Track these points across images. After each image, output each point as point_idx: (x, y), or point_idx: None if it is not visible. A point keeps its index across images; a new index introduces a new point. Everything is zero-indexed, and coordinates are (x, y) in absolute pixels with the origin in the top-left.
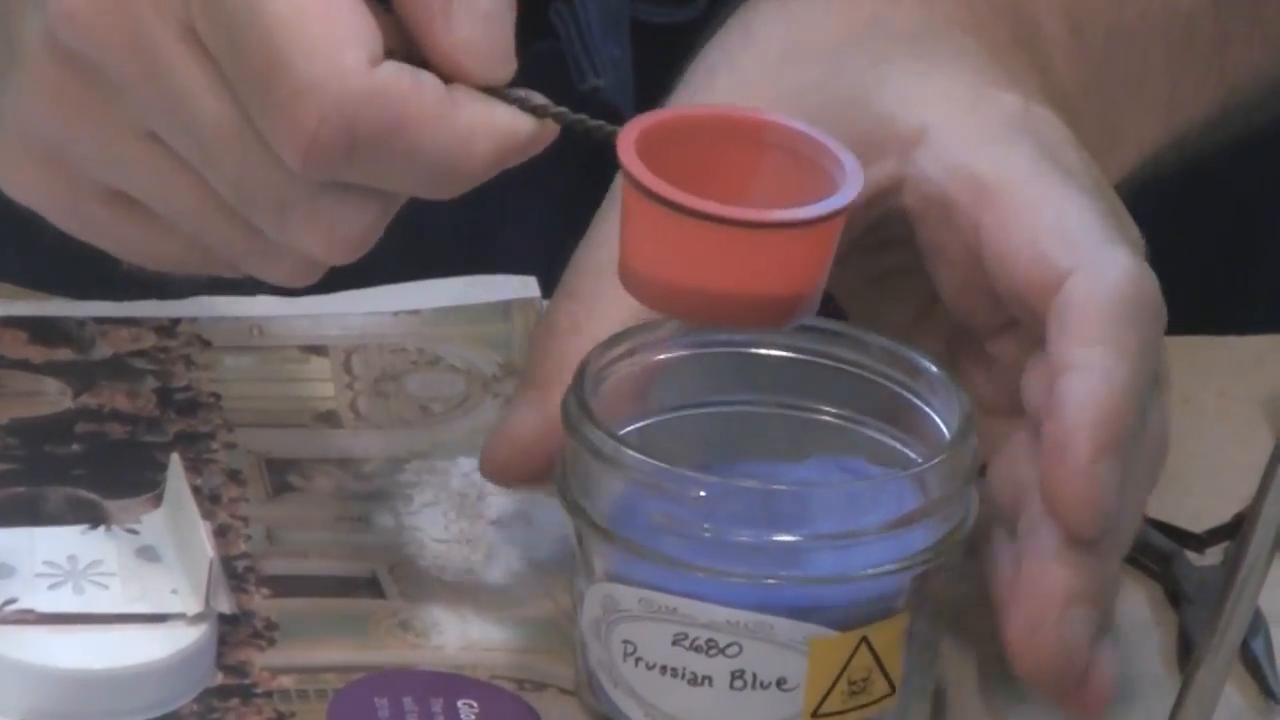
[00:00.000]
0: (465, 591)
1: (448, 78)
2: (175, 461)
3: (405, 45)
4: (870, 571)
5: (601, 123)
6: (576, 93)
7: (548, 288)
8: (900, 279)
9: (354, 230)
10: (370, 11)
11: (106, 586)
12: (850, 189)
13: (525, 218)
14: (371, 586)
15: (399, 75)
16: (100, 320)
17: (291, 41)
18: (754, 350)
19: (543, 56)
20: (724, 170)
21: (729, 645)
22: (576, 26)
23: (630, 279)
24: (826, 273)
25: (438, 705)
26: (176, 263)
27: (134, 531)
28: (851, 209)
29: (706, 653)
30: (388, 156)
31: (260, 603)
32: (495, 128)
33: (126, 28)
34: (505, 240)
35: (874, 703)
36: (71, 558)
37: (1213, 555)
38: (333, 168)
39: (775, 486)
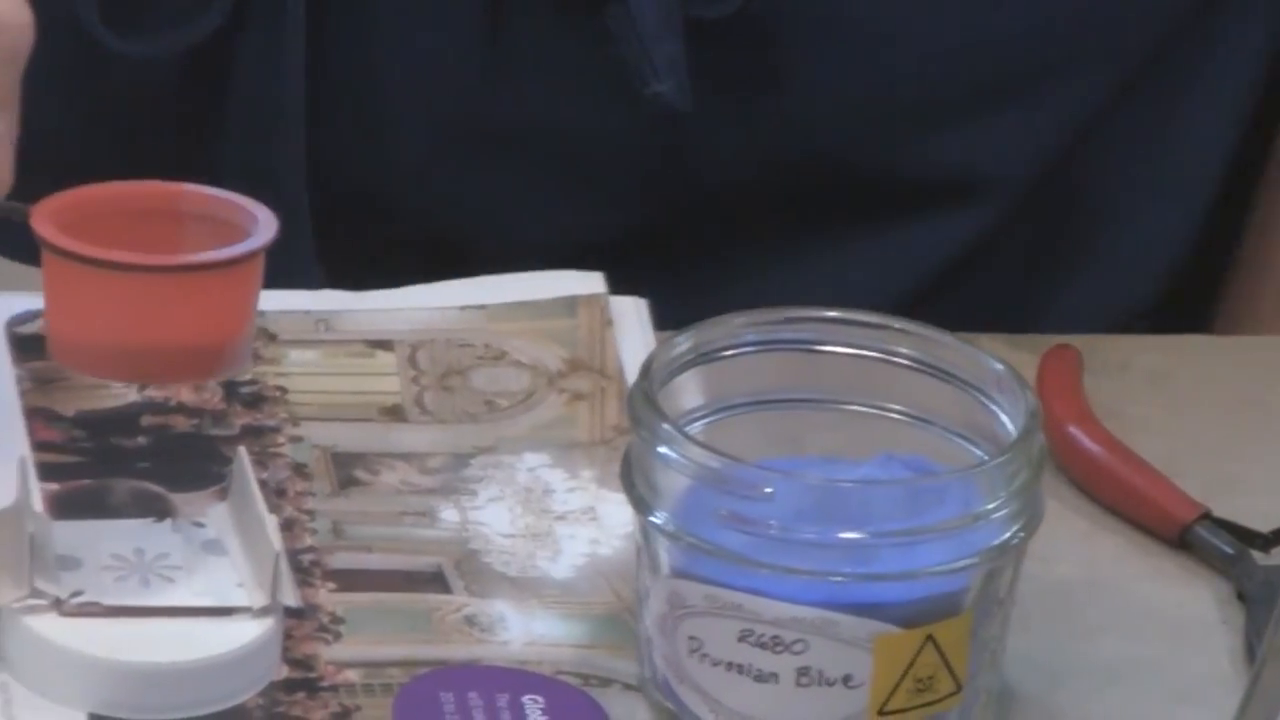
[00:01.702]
0: (531, 587)
1: None
2: (241, 455)
3: None
4: (935, 569)
5: (16, 204)
6: (639, 97)
7: None
8: None
9: None
10: None
11: (172, 579)
12: (263, 235)
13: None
14: (437, 581)
15: None
16: None
17: None
18: (821, 348)
19: (602, 65)
20: (145, 241)
21: (795, 642)
22: (633, 29)
23: (57, 347)
24: (251, 322)
25: (503, 700)
26: None
27: (200, 525)
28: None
29: (772, 649)
30: None
31: (326, 597)
32: None
33: None
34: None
35: (939, 701)
36: (138, 550)
37: (1278, 555)
38: None
39: (841, 483)
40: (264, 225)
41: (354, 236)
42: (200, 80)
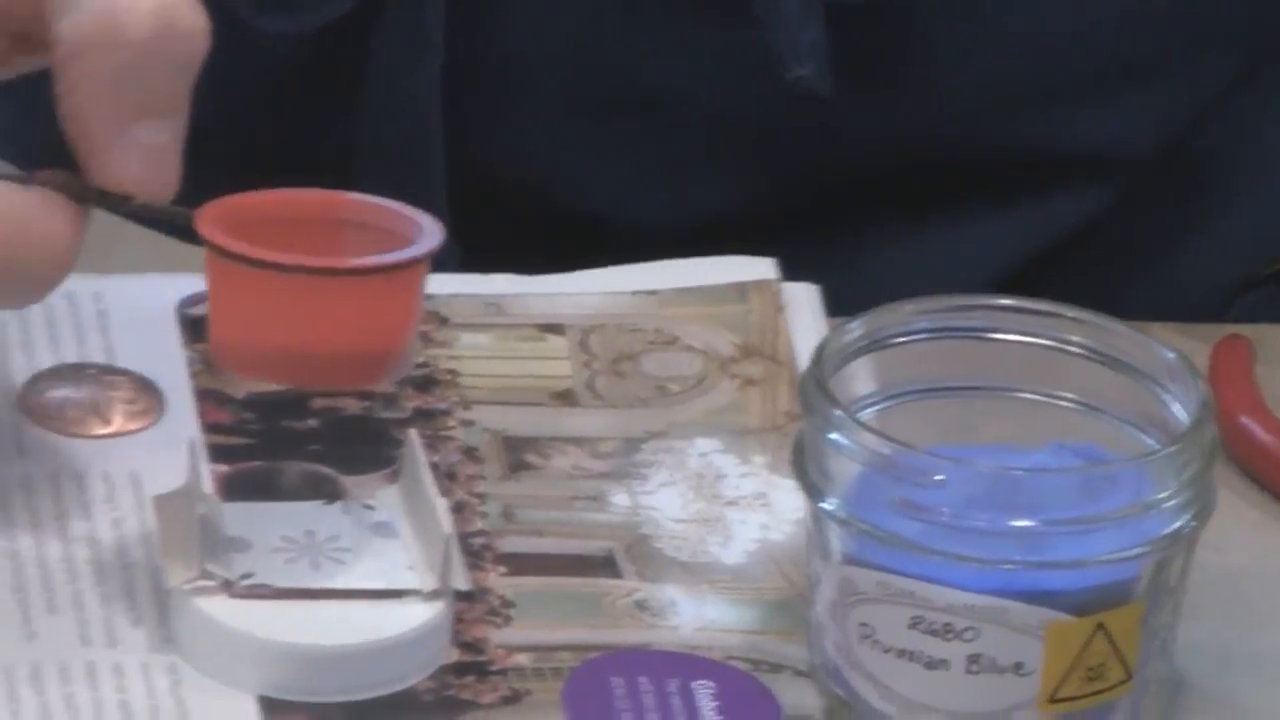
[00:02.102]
0: (701, 572)
1: None
2: (412, 438)
3: None
4: (1106, 557)
5: (179, 208)
6: (780, 83)
7: None
8: None
9: None
10: None
11: (342, 562)
12: (428, 241)
13: None
14: (608, 566)
15: (16, 201)
16: None
17: None
18: (992, 335)
19: (741, 46)
20: (305, 248)
21: (966, 629)
22: (777, 14)
23: (222, 352)
24: (414, 326)
25: (673, 685)
26: None
27: (370, 507)
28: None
29: (943, 636)
30: (10, 281)
31: (496, 580)
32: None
33: None
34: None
35: (1109, 689)
36: (308, 533)
37: None
38: None
39: (1013, 471)
40: (428, 232)
41: (488, 216)
42: (337, 60)
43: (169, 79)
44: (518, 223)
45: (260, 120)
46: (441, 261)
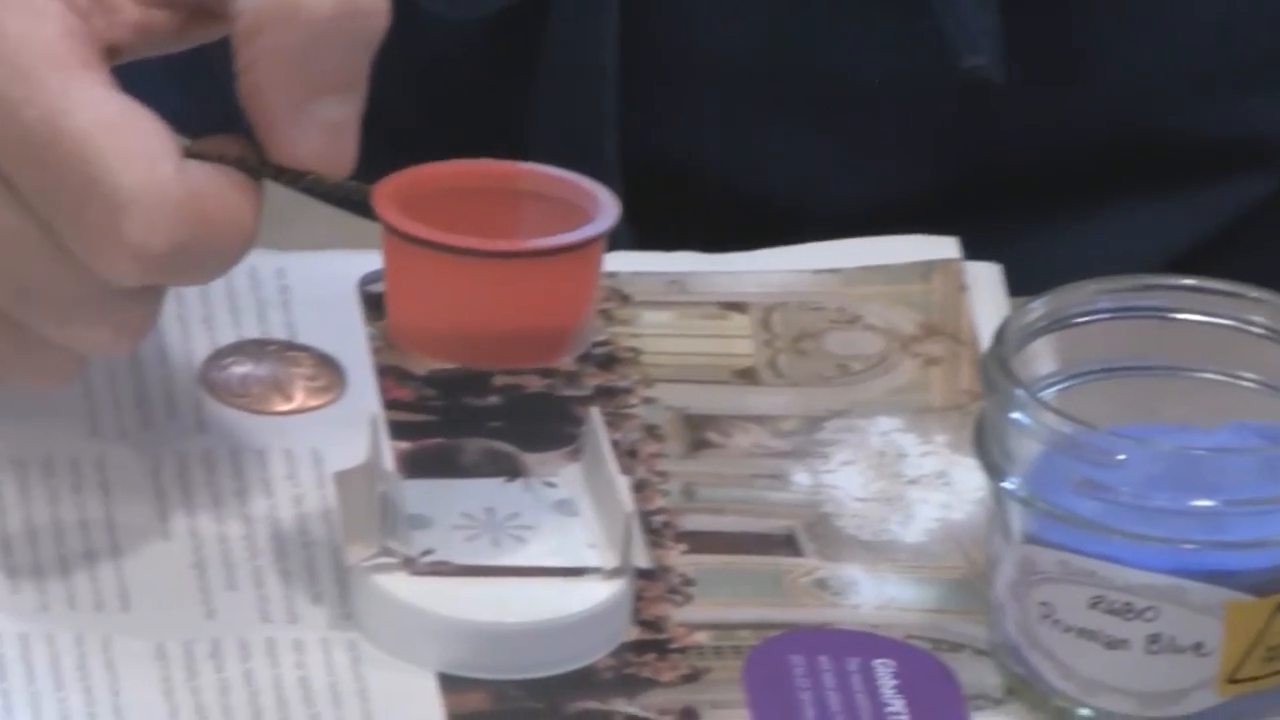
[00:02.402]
0: (882, 551)
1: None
2: (594, 416)
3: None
4: None
5: (356, 183)
6: (955, 71)
7: None
8: None
9: (143, 323)
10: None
11: (523, 539)
12: (606, 218)
13: None
14: (789, 544)
15: (208, 180)
16: None
17: (104, 154)
18: (1174, 315)
19: (918, 34)
20: (481, 221)
21: (1146, 609)
22: (951, 3)
23: (401, 333)
24: (593, 304)
25: (853, 664)
26: None
27: (551, 485)
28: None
29: (1123, 616)
30: (202, 259)
31: (677, 558)
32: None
33: None
34: None
35: None
36: (489, 510)
37: None
38: (154, 276)
39: (1194, 450)
40: (605, 208)
41: (662, 202)
42: (513, 44)
43: (349, 56)
44: (691, 208)
45: (435, 102)
46: (616, 243)
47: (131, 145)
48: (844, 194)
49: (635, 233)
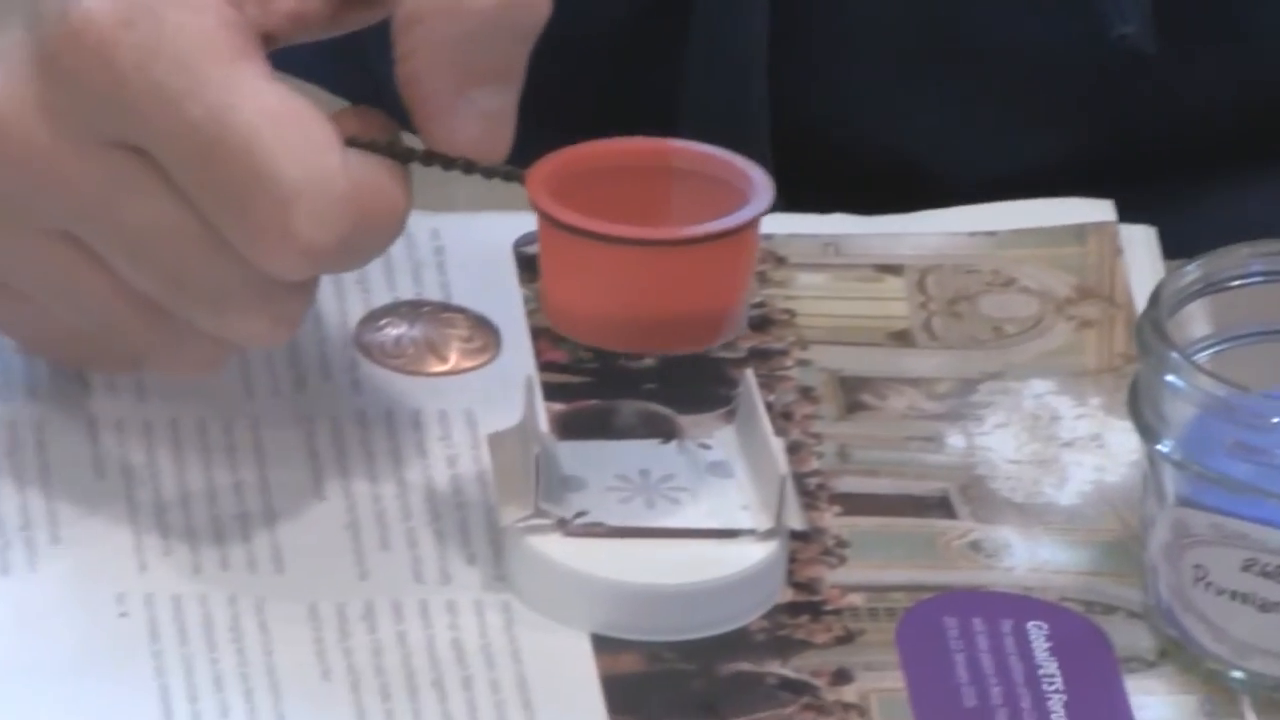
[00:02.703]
0: (1036, 513)
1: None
2: (749, 378)
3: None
4: None
5: (510, 167)
6: (1105, 40)
7: None
8: None
9: (299, 314)
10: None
11: (677, 501)
12: (762, 199)
13: None
14: (942, 507)
15: (368, 170)
16: None
17: (270, 148)
18: None
19: (1067, 3)
20: (635, 200)
21: None
22: None
23: (557, 317)
24: (749, 285)
25: (1007, 626)
26: (64, 353)
27: (706, 446)
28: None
29: (1277, 579)
30: (363, 249)
31: (831, 520)
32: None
33: (41, 142)
34: None
35: None
36: (643, 472)
37: None
38: (318, 269)
39: None
40: (760, 187)
41: (809, 169)
42: (662, 19)
43: (509, 46)
44: (840, 177)
45: (585, 79)
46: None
47: (297, 138)
48: (993, 162)
49: (783, 202)
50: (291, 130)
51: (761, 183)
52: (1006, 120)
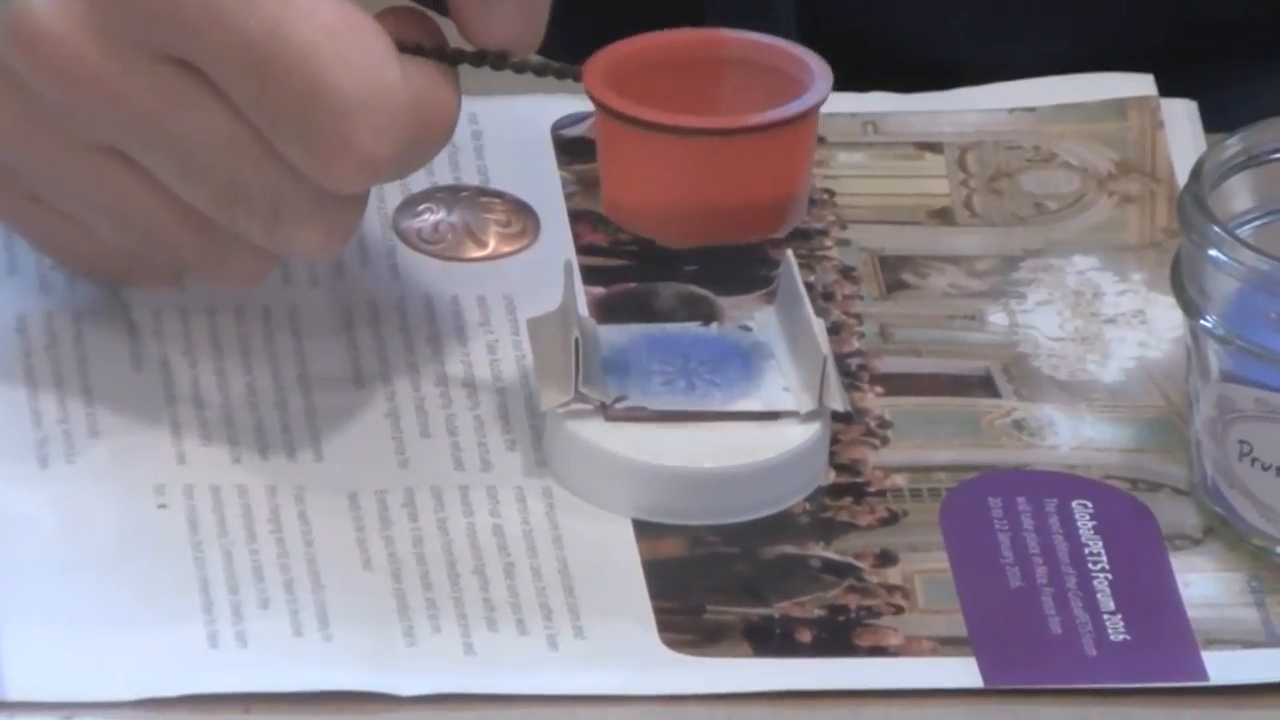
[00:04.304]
0: (1079, 390)
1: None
2: (789, 258)
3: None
4: None
5: (564, 64)
6: None
7: None
8: None
9: (352, 225)
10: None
11: (718, 384)
12: (820, 87)
13: None
14: (985, 385)
15: (424, 79)
16: None
17: (329, 63)
18: None
19: None
20: (690, 91)
21: None
22: None
23: (617, 210)
24: (809, 174)
25: (1051, 505)
26: (103, 269)
27: (747, 328)
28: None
29: None
30: (419, 157)
31: (873, 401)
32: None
33: (91, 57)
34: None
35: None
36: (683, 355)
37: None
38: (377, 181)
39: None
40: (816, 74)
41: (840, 63)
42: None
43: None
44: (870, 69)
45: None
46: None
47: (355, 51)
48: (1030, 50)
49: None
50: (349, 43)
51: (819, 69)
52: (1041, 14)
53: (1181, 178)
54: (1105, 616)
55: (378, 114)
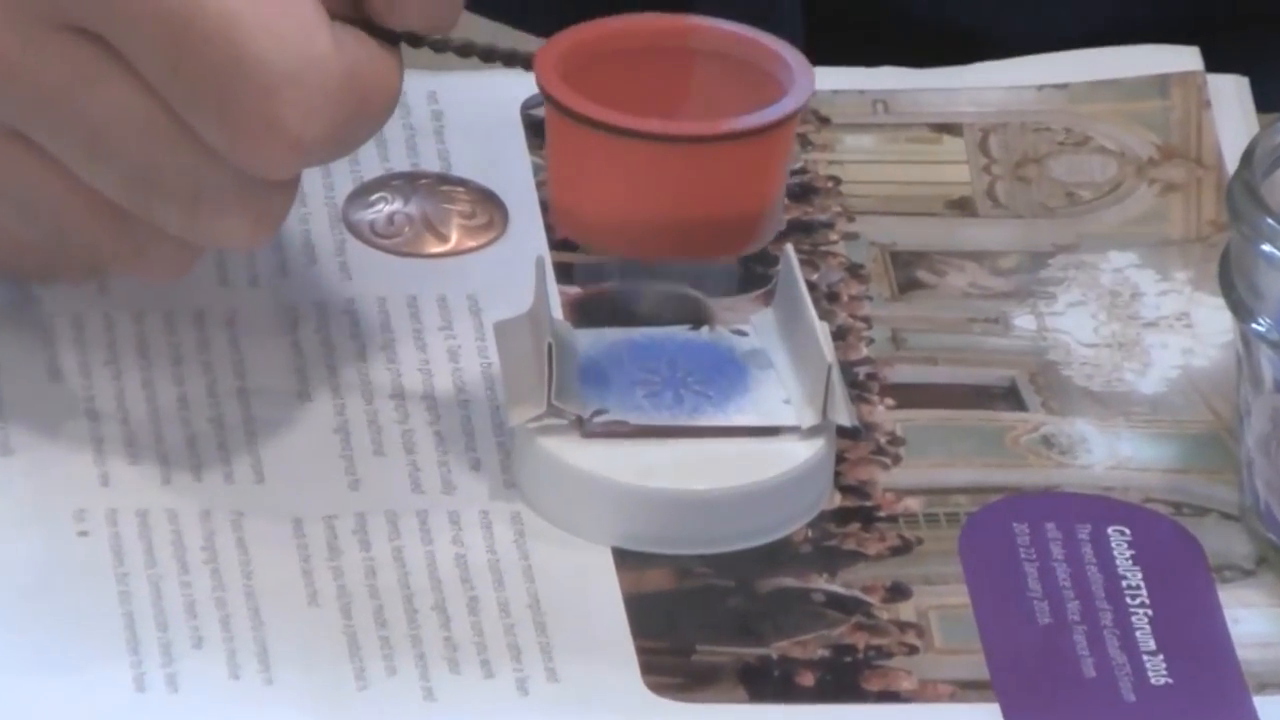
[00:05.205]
0: (1116, 403)
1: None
2: (789, 254)
3: None
4: None
5: (515, 50)
6: None
7: None
8: None
9: (282, 213)
10: None
11: (709, 396)
12: (800, 88)
13: None
14: (1010, 397)
15: (360, 50)
16: None
17: (252, 31)
18: None
19: None
20: (654, 86)
21: None
22: None
23: (566, 218)
24: (783, 188)
25: (1084, 532)
26: (13, 265)
27: (741, 333)
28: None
29: None
30: (353, 138)
31: (884, 415)
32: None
33: None
34: None
35: None
36: (670, 363)
37: None
38: (308, 163)
39: None
40: (796, 72)
41: (845, 38)
42: None
43: None
44: (881, 40)
45: None
46: None
47: (281, 18)
48: (1059, 19)
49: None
50: (274, 9)
51: (797, 66)
52: None
53: (1231, 163)
54: (1145, 657)
55: (307, 89)
